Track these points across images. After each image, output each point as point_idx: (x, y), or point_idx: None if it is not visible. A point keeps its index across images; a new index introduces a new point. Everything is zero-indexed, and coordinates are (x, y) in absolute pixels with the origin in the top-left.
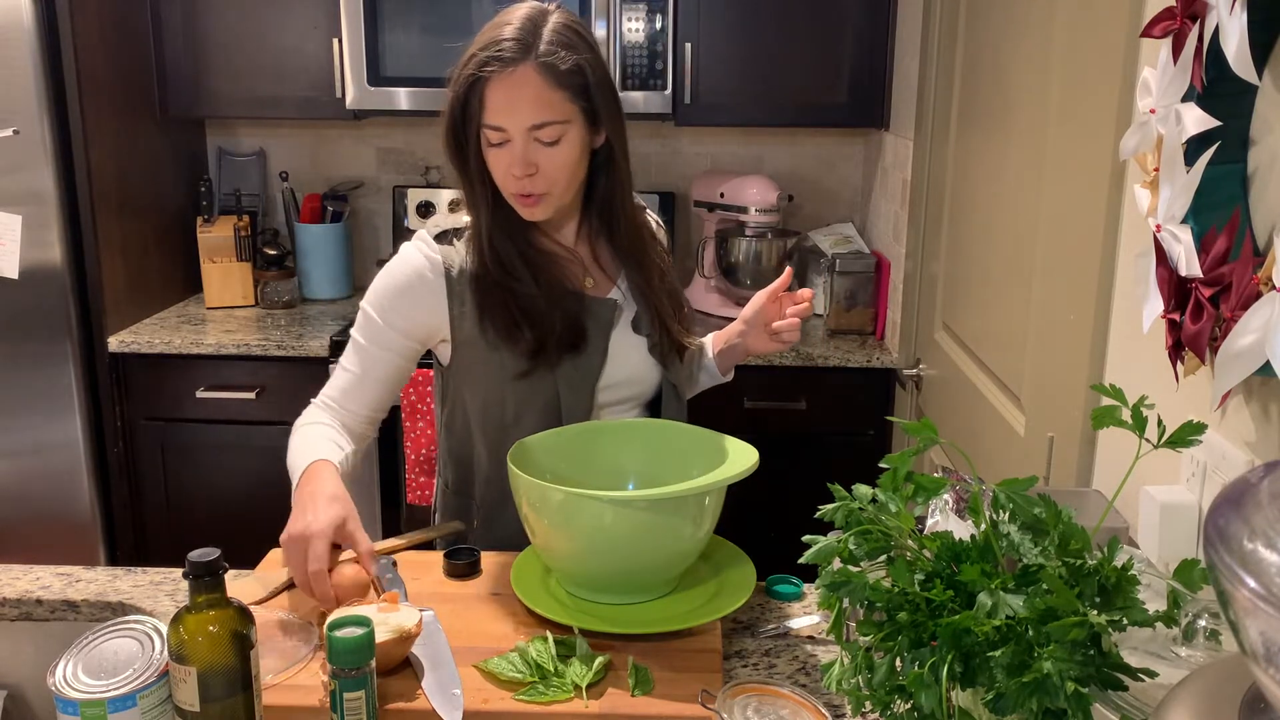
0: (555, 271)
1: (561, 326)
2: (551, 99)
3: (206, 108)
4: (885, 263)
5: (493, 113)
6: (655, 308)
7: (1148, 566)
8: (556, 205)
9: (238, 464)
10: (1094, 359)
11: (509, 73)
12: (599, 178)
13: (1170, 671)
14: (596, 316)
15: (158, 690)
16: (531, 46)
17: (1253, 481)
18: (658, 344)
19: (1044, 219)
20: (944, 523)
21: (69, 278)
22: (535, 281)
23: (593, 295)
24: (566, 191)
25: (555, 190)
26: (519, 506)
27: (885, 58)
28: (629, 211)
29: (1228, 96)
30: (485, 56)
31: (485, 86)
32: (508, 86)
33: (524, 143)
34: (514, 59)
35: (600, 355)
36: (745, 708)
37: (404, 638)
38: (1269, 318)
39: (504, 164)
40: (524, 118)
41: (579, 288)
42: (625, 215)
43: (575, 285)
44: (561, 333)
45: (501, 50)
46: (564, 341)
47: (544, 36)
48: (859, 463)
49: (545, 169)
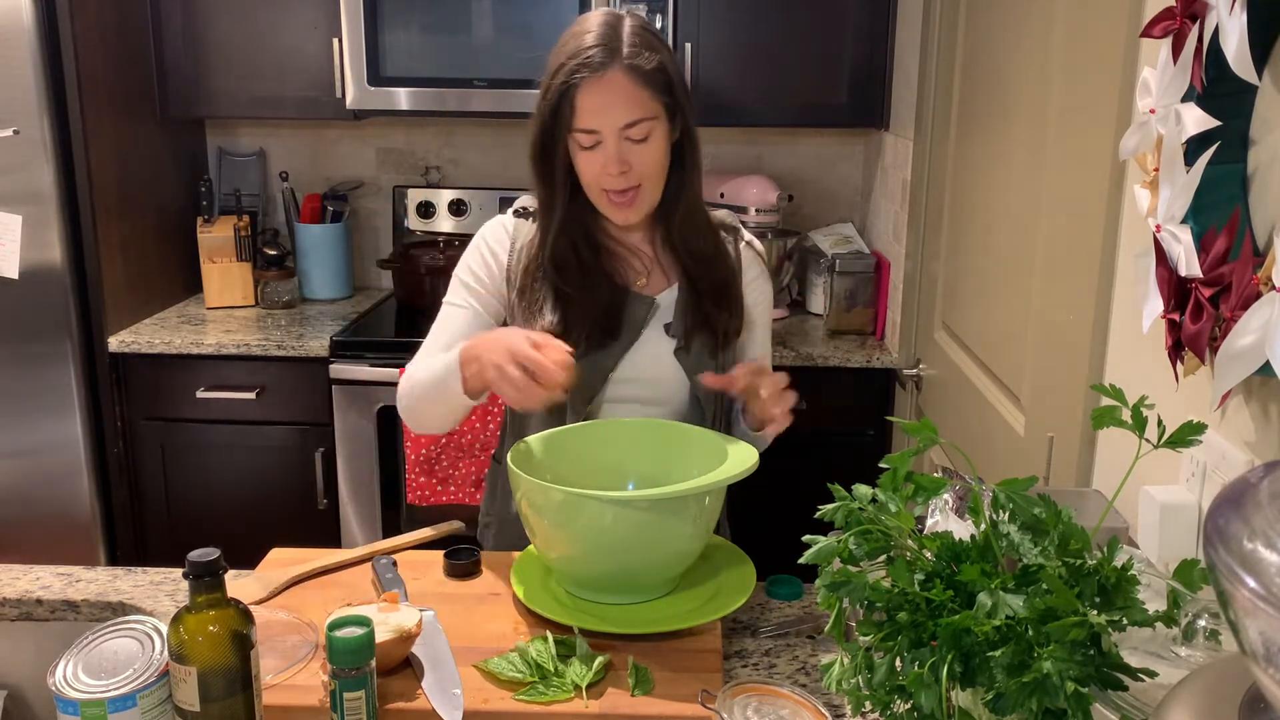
0: (610, 266)
1: (598, 315)
2: (640, 98)
3: (206, 108)
4: (885, 263)
5: (585, 116)
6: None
7: (1148, 566)
8: (649, 204)
9: (238, 464)
10: (1094, 359)
11: (598, 77)
12: (671, 177)
13: (1170, 671)
14: (632, 312)
15: (158, 690)
16: (616, 50)
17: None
18: (686, 350)
19: (1044, 219)
20: (944, 523)
21: (69, 278)
22: (582, 279)
23: (638, 291)
24: (656, 188)
25: (647, 186)
26: (519, 506)
27: (885, 57)
28: (694, 216)
29: (1228, 96)
30: (574, 65)
31: (576, 93)
32: (599, 90)
33: (616, 142)
34: (602, 63)
35: (623, 346)
36: (745, 708)
37: (404, 638)
38: (1269, 318)
39: (597, 165)
40: (616, 118)
41: (627, 284)
42: (688, 218)
43: (625, 281)
44: (595, 321)
45: (589, 57)
46: (596, 330)
47: (625, 40)
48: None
49: (637, 166)
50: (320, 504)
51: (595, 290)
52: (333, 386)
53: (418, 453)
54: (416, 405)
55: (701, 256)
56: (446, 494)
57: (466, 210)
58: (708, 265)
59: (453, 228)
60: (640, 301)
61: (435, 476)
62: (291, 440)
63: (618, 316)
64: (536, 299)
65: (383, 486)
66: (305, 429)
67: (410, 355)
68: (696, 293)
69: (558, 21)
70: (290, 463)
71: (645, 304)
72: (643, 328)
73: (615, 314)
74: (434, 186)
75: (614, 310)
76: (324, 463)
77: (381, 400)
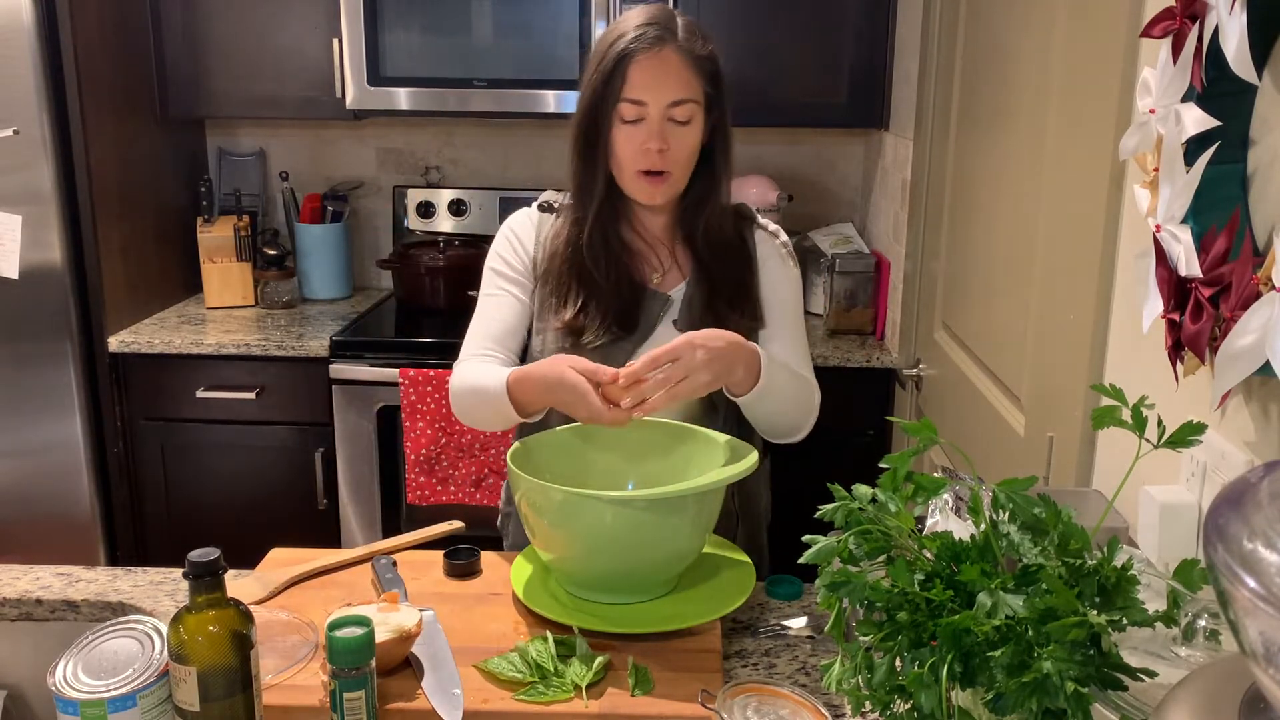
0: (629, 263)
1: (617, 310)
2: (690, 79)
3: (206, 108)
4: (885, 263)
5: (635, 88)
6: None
7: (1148, 566)
8: (676, 189)
9: (238, 464)
10: (1094, 359)
11: (654, 52)
12: (699, 173)
13: (1170, 671)
14: (648, 309)
15: (158, 690)
16: (673, 31)
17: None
18: None
19: (1044, 219)
20: (944, 523)
21: (69, 278)
22: (608, 273)
23: (654, 288)
24: (685, 175)
25: (677, 171)
26: (519, 506)
27: (885, 57)
28: (721, 218)
29: (1228, 96)
30: (632, 36)
31: (630, 64)
32: (653, 64)
33: (660, 119)
34: (658, 39)
35: (635, 342)
36: (745, 708)
37: (404, 638)
38: (1269, 318)
39: (638, 140)
40: (666, 94)
41: (645, 280)
42: (708, 216)
43: (643, 277)
44: (614, 315)
45: (644, 33)
46: (613, 324)
47: (680, 25)
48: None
49: (674, 147)
50: (320, 504)
51: (617, 285)
52: (332, 386)
53: (417, 453)
54: (470, 412)
55: (722, 256)
56: (446, 494)
57: (466, 210)
58: (727, 265)
59: (452, 228)
60: (655, 298)
61: (435, 476)
62: (291, 440)
63: (635, 312)
64: (561, 290)
65: (383, 486)
66: (305, 429)
67: (410, 355)
68: (712, 291)
69: (558, 21)
70: (290, 463)
71: (660, 300)
72: (656, 324)
73: (633, 309)
74: (434, 186)
75: (632, 306)
76: (324, 463)
77: (381, 400)
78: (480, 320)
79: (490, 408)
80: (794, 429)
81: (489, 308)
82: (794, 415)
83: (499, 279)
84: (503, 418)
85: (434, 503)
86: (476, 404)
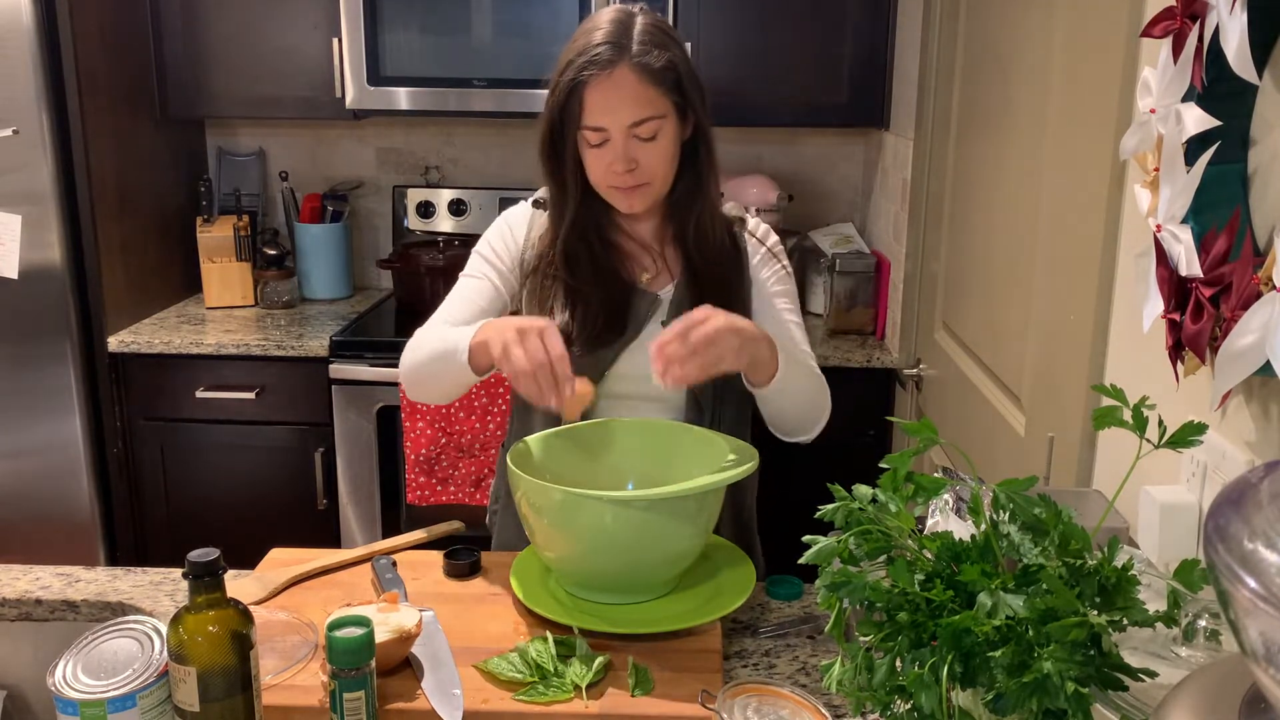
0: (617, 263)
1: (602, 314)
2: (648, 96)
3: (206, 108)
4: (885, 262)
5: (592, 114)
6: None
7: (1148, 566)
8: (657, 195)
9: (238, 464)
10: (1094, 359)
11: (606, 75)
12: (682, 173)
13: (1170, 671)
14: (636, 309)
15: (158, 690)
16: (625, 48)
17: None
18: None
19: (1044, 219)
20: (944, 523)
21: (69, 278)
22: (594, 275)
23: (643, 288)
24: (664, 183)
25: (655, 182)
26: (519, 506)
27: (885, 57)
28: (710, 219)
29: (1228, 96)
30: (582, 62)
31: (584, 90)
32: (606, 88)
33: (624, 140)
34: (610, 61)
35: (625, 342)
36: (745, 708)
37: (404, 638)
38: (1269, 318)
39: (604, 162)
40: (623, 116)
41: (634, 280)
42: (698, 216)
43: (632, 277)
44: (600, 319)
45: (597, 54)
46: (601, 325)
47: (635, 37)
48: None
49: (645, 163)
50: (320, 504)
51: (605, 286)
52: (332, 386)
53: (417, 453)
54: (418, 371)
55: (713, 258)
56: (446, 494)
57: (466, 210)
58: (718, 267)
59: (452, 227)
60: (644, 298)
61: (435, 476)
62: (291, 440)
63: (624, 313)
64: (546, 292)
65: (382, 486)
66: (305, 429)
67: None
68: (702, 292)
69: (557, 21)
70: (290, 463)
71: (649, 300)
72: (645, 324)
73: (622, 310)
74: (434, 186)
75: (621, 306)
76: (324, 463)
77: (381, 400)
78: (453, 301)
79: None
80: (811, 423)
81: (466, 288)
82: (810, 410)
83: (483, 263)
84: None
85: (434, 503)
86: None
